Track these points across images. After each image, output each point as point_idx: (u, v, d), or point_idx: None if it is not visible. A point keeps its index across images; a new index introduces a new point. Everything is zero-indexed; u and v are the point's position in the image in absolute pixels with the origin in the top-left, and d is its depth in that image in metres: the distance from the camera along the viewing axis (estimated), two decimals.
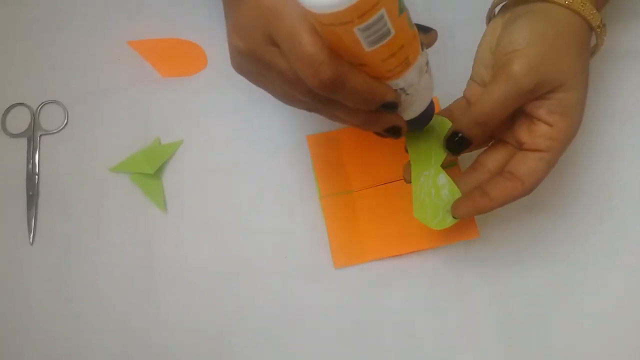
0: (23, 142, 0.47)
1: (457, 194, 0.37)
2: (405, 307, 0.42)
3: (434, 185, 0.38)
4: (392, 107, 0.31)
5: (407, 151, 0.39)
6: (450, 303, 0.42)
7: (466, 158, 0.41)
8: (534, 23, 0.34)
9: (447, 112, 0.39)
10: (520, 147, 0.36)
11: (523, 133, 0.36)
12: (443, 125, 0.38)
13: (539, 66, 0.33)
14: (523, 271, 0.42)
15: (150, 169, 0.45)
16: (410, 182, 0.39)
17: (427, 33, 0.34)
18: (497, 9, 0.39)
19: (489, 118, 0.34)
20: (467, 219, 0.42)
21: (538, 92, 0.34)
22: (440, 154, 0.38)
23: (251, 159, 0.46)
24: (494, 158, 0.38)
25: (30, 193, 0.46)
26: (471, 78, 0.40)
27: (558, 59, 0.33)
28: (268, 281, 0.43)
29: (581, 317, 0.41)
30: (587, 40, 0.35)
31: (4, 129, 0.47)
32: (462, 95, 0.40)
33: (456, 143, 0.36)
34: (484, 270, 0.42)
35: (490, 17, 0.40)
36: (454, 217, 0.37)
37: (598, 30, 0.35)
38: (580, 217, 0.43)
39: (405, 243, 0.43)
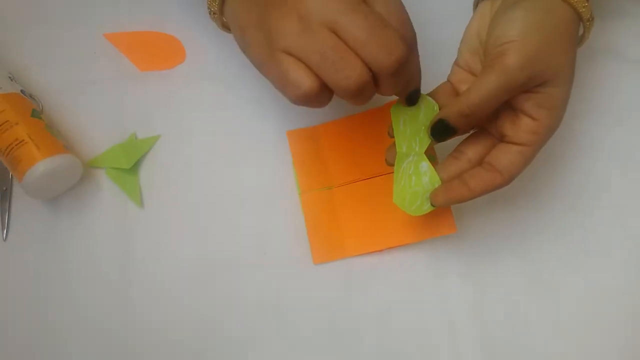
0: None
1: (437, 182, 0.37)
2: (384, 303, 0.42)
3: (415, 172, 0.38)
4: None
5: (390, 135, 0.39)
6: (428, 299, 0.42)
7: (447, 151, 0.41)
8: (529, 13, 0.33)
9: (432, 97, 0.39)
10: (501, 139, 0.36)
11: (506, 126, 0.35)
12: (430, 109, 0.37)
13: (533, 59, 0.32)
14: (501, 267, 0.42)
15: (126, 164, 0.45)
16: (392, 165, 0.39)
17: None
18: None
19: (477, 109, 0.33)
20: (444, 214, 0.42)
21: (529, 85, 0.33)
22: (424, 140, 0.38)
23: (230, 155, 0.46)
24: (475, 148, 0.37)
25: (4, 188, 0.46)
26: (456, 63, 0.39)
27: (551, 52, 0.33)
28: (247, 277, 0.43)
29: (559, 313, 0.41)
30: (577, 32, 0.35)
31: None
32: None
33: (441, 130, 0.35)
34: (462, 265, 0.42)
35: (478, 1, 0.39)
36: (432, 205, 0.37)
37: (587, 23, 0.35)
38: (558, 213, 0.43)
39: (384, 239, 0.43)
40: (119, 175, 0.45)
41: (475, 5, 0.40)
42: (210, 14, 0.38)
